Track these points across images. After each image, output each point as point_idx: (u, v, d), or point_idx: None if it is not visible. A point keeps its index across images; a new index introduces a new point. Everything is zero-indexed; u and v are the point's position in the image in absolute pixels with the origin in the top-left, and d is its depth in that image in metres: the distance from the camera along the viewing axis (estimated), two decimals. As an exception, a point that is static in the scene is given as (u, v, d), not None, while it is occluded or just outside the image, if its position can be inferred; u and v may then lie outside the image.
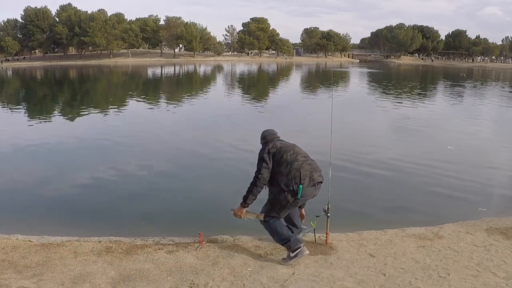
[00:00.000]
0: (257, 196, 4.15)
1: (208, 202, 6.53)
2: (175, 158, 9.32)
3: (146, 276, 3.75)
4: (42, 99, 23.64)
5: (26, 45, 74.58)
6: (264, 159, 4.10)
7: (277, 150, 4.14)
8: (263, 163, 4.09)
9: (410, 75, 52.72)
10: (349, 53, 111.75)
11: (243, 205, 4.17)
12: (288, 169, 4.03)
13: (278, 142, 4.25)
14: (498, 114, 17.98)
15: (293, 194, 4.02)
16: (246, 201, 4.14)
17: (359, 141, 11.20)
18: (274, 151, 4.13)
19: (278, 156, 4.11)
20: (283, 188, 4.02)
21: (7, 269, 3.85)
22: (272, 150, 4.14)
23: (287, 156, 4.09)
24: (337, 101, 19.67)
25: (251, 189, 4.10)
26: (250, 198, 4.12)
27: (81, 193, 6.97)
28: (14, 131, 12.65)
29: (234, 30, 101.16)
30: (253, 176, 4.13)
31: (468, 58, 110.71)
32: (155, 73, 49.48)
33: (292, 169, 4.02)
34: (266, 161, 4.09)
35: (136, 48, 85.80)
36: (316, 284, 3.67)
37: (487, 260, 4.17)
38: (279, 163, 4.08)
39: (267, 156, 4.10)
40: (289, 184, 4.00)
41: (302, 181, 3.99)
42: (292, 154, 4.12)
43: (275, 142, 4.25)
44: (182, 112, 17.32)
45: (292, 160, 4.07)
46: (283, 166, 4.05)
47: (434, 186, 7.37)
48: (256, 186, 4.08)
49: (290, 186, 4.00)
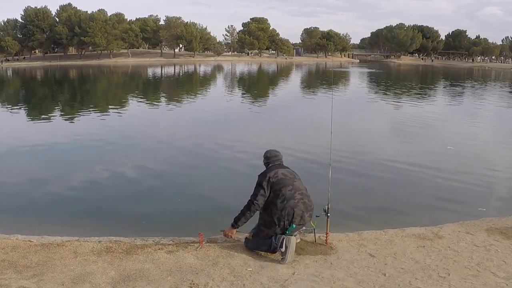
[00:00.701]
0: (248, 220, 4.30)
1: (208, 202, 6.53)
2: (175, 158, 9.32)
3: (146, 276, 3.75)
4: (42, 99, 23.64)
5: (26, 45, 74.56)
6: (263, 186, 4.21)
7: (277, 181, 4.22)
8: (261, 189, 4.21)
9: (410, 75, 52.72)
10: (349, 53, 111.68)
11: (234, 226, 4.33)
12: (284, 205, 4.14)
13: (280, 172, 4.30)
14: (498, 114, 17.98)
15: (282, 230, 4.16)
16: (237, 223, 4.31)
17: (359, 141, 11.20)
18: (274, 181, 4.22)
19: (276, 187, 4.20)
20: (275, 221, 4.15)
21: (7, 269, 3.85)
22: (272, 179, 4.23)
23: (286, 190, 4.18)
24: (337, 101, 19.68)
25: (245, 212, 4.26)
26: (242, 221, 4.30)
27: (81, 193, 6.97)
28: (14, 131, 12.65)
29: (234, 30, 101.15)
30: (248, 199, 4.27)
31: (468, 58, 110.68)
32: (155, 73, 49.49)
33: (288, 206, 4.13)
34: (264, 189, 4.20)
35: (136, 48, 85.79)
36: (316, 284, 3.66)
37: (487, 260, 4.17)
38: (277, 195, 4.18)
39: (266, 184, 4.20)
40: (281, 219, 4.14)
41: (294, 219, 4.13)
42: (290, 189, 4.20)
43: (277, 171, 4.30)
44: (182, 112, 17.32)
45: (290, 197, 4.17)
46: (279, 200, 4.16)
47: (434, 186, 7.37)
48: (250, 211, 4.24)
49: (281, 222, 4.14)
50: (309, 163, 8.65)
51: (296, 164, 8.52)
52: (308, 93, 26.35)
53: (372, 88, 31.12)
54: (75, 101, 22.35)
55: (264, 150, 4.72)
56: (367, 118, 15.75)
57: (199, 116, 15.63)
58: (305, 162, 8.69)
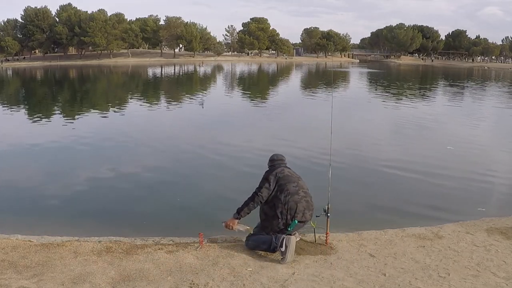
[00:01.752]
0: (251, 211, 4.34)
1: (208, 202, 6.53)
2: (175, 158, 9.32)
3: (146, 276, 3.75)
4: (42, 99, 23.63)
5: (26, 45, 74.56)
6: (269, 180, 4.31)
7: (283, 177, 4.33)
8: (266, 183, 4.30)
9: (410, 75, 52.72)
10: (349, 53, 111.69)
11: (236, 216, 4.35)
12: (287, 199, 4.21)
13: (286, 170, 4.43)
14: (498, 114, 17.97)
15: (285, 224, 4.21)
16: (240, 213, 4.33)
17: (359, 141, 11.20)
18: (280, 176, 4.33)
19: (282, 182, 4.29)
20: (278, 215, 4.21)
21: (7, 269, 3.85)
22: (279, 174, 4.34)
23: (291, 186, 4.28)
24: (337, 101, 19.68)
25: (248, 203, 4.31)
26: (245, 211, 4.33)
27: (81, 193, 6.97)
28: (14, 131, 12.66)
29: (234, 30, 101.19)
30: (252, 191, 4.32)
31: (468, 58, 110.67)
32: (155, 73, 49.49)
33: (291, 200, 4.21)
34: (270, 182, 4.29)
35: (136, 48, 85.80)
36: (316, 284, 3.66)
37: (487, 260, 4.17)
38: (282, 190, 4.26)
39: (272, 178, 4.31)
40: (284, 213, 4.20)
41: (296, 214, 4.20)
42: (295, 186, 4.31)
43: (283, 169, 4.42)
44: (182, 112, 17.32)
45: (294, 193, 4.25)
46: (283, 194, 4.23)
47: (434, 186, 7.37)
48: (253, 202, 4.30)
49: (284, 215, 4.20)
50: (309, 163, 8.65)
51: (296, 164, 8.52)
52: (308, 93, 26.34)
53: (372, 88, 31.12)
54: (75, 101, 22.35)
55: (264, 150, 4.76)
56: (367, 118, 15.75)
57: (199, 116, 15.63)
58: (305, 162, 8.69)
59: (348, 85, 32.79)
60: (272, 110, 17.23)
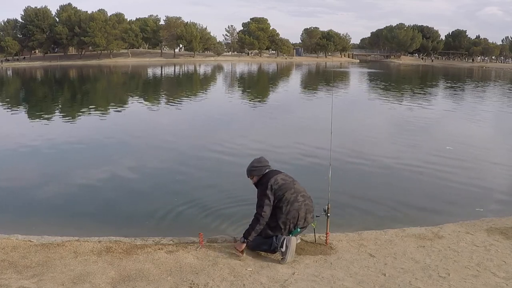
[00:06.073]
0: (258, 232, 4.22)
1: (208, 202, 6.51)
2: (175, 158, 9.31)
3: (146, 276, 3.75)
4: (42, 99, 23.63)
5: (26, 45, 74.56)
6: (267, 195, 4.19)
7: (278, 187, 4.23)
8: (266, 199, 4.19)
9: (410, 75, 52.71)
10: (349, 53, 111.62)
11: (243, 241, 4.24)
12: (288, 208, 4.17)
13: (279, 178, 4.29)
14: (498, 114, 17.96)
15: (287, 233, 4.20)
16: (247, 238, 4.22)
17: (359, 141, 11.20)
18: (276, 188, 4.23)
19: (279, 193, 4.22)
20: (280, 226, 4.18)
21: (7, 269, 3.85)
22: (274, 186, 4.23)
23: (289, 194, 4.21)
24: (337, 101, 19.68)
25: (254, 226, 4.20)
26: (252, 235, 4.21)
27: (81, 193, 6.96)
28: (14, 131, 12.65)
29: (234, 30, 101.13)
30: (255, 212, 4.23)
31: (468, 58, 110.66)
32: (155, 73, 49.48)
33: (292, 209, 4.17)
34: (269, 198, 4.19)
35: (136, 48, 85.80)
36: (316, 284, 3.66)
37: (487, 260, 4.17)
38: (280, 200, 4.20)
39: (270, 193, 4.20)
40: (286, 223, 4.17)
41: (299, 222, 4.18)
42: (293, 193, 4.23)
43: (276, 177, 4.28)
44: (182, 112, 17.31)
45: (293, 200, 4.20)
46: (283, 204, 4.18)
47: (434, 186, 7.37)
48: (259, 224, 4.19)
49: (287, 225, 4.18)
50: (309, 163, 8.65)
51: (296, 164, 8.54)
52: (308, 93, 26.33)
53: (372, 88, 31.11)
54: (75, 101, 22.35)
55: (264, 150, 4.75)
56: (367, 118, 15.74)
57: (199, 116, 15.62)
58: (305, 162, 8.69)
59: (348, 85, 32.77)
60: (272, 110, 17.22)
